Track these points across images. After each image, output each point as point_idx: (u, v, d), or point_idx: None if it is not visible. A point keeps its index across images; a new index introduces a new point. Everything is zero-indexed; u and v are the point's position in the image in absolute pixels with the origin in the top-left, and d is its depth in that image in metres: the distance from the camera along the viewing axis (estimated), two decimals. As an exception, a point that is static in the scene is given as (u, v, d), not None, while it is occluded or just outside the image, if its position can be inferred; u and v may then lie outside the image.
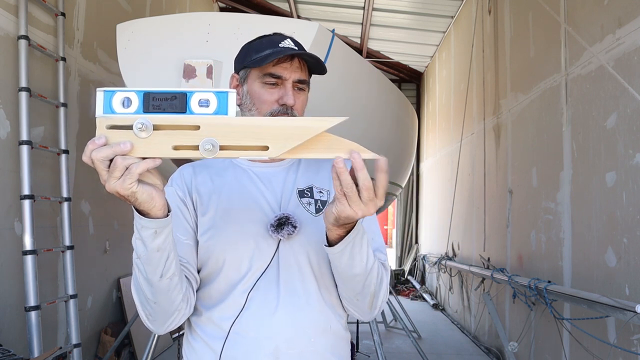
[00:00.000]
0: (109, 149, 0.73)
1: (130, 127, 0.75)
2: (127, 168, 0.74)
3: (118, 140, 0.75)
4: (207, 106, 0.76)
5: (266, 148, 0.77)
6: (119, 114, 0.75)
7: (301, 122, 0.78)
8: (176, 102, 0.76)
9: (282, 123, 0.78)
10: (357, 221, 0.90)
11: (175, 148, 0.75)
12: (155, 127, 0.75)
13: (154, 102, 0.75)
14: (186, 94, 0.76)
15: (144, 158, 0.75)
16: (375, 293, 1.03)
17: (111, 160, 0.74)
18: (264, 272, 1.03)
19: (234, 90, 0.78)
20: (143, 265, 0.88)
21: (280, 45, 1.06)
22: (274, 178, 1.12)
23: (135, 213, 0.83)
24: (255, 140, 0.77)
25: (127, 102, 0.75)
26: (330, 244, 0.95)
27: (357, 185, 0.81)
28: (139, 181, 0.77)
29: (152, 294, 0.92)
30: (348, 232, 0.92)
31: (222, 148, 0.76)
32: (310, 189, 1.12)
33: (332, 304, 1.09)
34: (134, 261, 0.90)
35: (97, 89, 0.76)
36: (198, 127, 0.75)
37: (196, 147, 0.75)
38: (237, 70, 1.15)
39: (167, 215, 0.85)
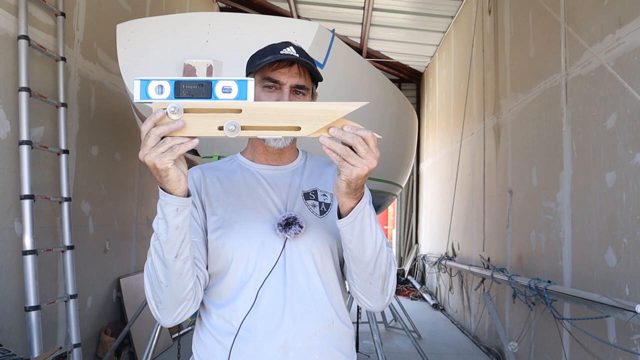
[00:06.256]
0: (165, 127, 0.86)
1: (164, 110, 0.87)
2: (171, 147, 0.85)
3: None
4: (230, 92, 0.88)
5: (298, 129, 0.88)
6: (154, 99, 0.87)
7: (326, 106, 0.88)
8: (203, 89, 0.88)
9: (311, 107, 0.88)
10: (364, 193, 0.98)
11: (219, 128, 0.87)
12: (185, 111, 0.87)
13: (183, 89, 0.88)
14: (211, 82, 0.88)
15: (192, 138, 0.87)
16: (386, 275, 1.07)
17: (161, 138, 0.86)
18: (272, 270, 1.08)
19: (252, 78, 0.89)
20: (161, 245, 0.95)
21: (281, 52, 1.11)
22: (280, 181, 1.18)
23: (161, 191, 0.92)
24: (289, 122, 0.87)
25: (160, 89, 0.88)
26: (342, 217, 1.01)
27: (351, 148, 0.89)
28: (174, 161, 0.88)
29: (166, 276, 0.97)
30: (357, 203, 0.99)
31: (252, 128, 0.87)
32: (315, 192, 1.18)
33: (336, 301, 1.14)
34: (152, 244, 0.97)
35: (134, 78, 0.88)
36: (240, 111, 0.87)
37: (221, 128, 0.87)
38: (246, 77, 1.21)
39: (188, 197, 0.94)
